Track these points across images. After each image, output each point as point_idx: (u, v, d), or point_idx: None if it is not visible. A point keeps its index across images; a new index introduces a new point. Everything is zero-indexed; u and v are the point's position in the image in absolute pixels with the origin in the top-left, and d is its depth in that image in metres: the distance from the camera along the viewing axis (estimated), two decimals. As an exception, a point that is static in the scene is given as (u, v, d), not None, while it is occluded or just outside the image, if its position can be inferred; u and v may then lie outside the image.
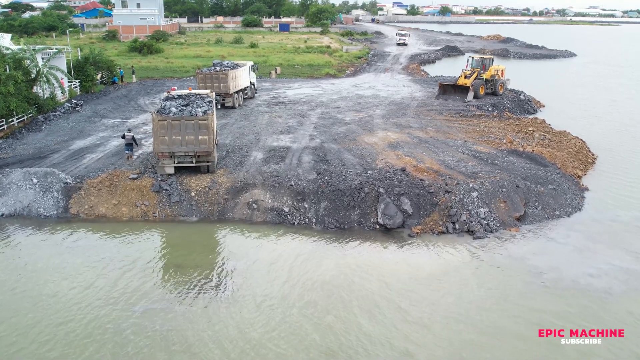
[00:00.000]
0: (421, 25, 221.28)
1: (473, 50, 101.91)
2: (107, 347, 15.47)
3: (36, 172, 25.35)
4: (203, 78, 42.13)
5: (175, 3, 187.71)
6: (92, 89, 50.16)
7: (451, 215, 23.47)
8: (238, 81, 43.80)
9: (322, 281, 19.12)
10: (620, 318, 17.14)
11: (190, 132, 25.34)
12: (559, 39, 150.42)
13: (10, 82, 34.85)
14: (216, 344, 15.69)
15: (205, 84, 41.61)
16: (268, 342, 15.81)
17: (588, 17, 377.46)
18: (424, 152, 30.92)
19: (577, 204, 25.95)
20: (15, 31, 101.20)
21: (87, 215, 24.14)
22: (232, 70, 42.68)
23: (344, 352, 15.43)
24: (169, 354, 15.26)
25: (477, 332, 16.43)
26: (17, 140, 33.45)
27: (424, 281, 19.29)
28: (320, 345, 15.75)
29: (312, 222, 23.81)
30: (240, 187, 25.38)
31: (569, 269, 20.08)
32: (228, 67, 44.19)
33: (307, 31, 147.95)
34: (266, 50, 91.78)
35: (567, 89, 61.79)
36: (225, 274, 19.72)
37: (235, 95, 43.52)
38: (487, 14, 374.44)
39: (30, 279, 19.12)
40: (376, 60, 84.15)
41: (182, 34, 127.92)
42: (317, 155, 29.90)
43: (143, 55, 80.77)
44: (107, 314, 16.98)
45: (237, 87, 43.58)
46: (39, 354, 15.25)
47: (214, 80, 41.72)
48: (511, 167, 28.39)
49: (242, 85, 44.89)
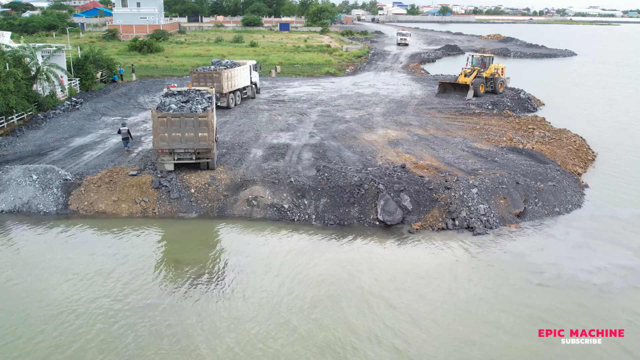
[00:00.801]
0: (421, 24, 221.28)
1: (473, 49, 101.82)
2: (95, 342, 15.48)
3: (36, 169, 25.35)
4: (197, 77, 41.49)
5: (175, 2, 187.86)
6: (92, 87, 50.17)
7: (451, 211, 23.46)
8: (234, 81, 42.82)
9: (318, 277, 19.10)
10: (619, 316, 17.09)
11: (190, 129, 25.34)
12: (559, 38, 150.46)
13: (10, 80, 34.85)
14: (204, 339, 15.69)
15: (199, 83, 40.70)
16: (255, 338, 15.80)
17: (588, 17, 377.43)
18: (423, 149, 30.91)
19: (576, 201, 25.94)
20: (16, 30, 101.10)
21: (87, 211, 24.13)
22: (226, 70, 41.77)
23: (332, 349, 15.38)
24: (157, 347, 15.26)
25: (472, 329, 16.38)
26: (17, 137, 33.44)
27: (421, 277, 19.26)
28: (308, 341, 15.70)
29: (311, 218, 23.81)
30: (240, 184, 25.37)
31: (569, 266, 20.04)
32: (225, 67, 43.38)
33: (307, 30, 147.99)
34: (266, 49, 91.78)
35: (567, 87, 61.79)
36: (223, 270, 19.71)
37: (231, 95, 42.48)
38: (487, 14, 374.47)
39: (27, 273, 19.10)
40: (376, 59, 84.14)
41: (182, 33, 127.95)
42: (317, 153, 29.90)
43: (143, 54, 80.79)
44: (98, 308, 16.96)
45: (232, 87, 42.58)
46: (27, 346, 15.30)
47: (207, 79, 40.88)
48: (511, 164, 28.38)
49: (239, 85, 43.86)
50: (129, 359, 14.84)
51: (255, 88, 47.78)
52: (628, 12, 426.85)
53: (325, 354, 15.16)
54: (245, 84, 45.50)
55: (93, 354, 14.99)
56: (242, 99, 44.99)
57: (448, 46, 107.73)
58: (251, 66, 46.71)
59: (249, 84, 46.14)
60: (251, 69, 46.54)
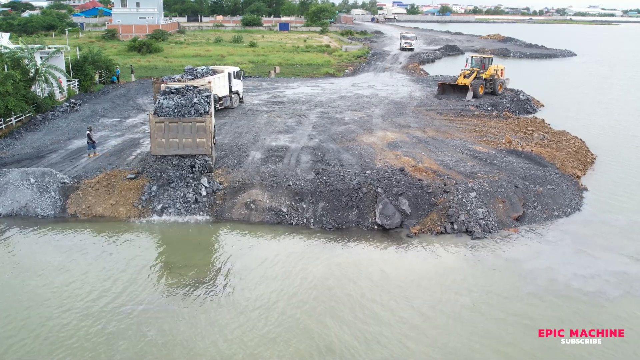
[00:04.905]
0: (421, 24, 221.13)
1: (473, 49, 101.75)
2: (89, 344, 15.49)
3: (34, 172, 25.27)
4: (159, 88, 36.22)
5: (174, 2, 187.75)
6: (91, 89, 50.07)
7: (449, 215, 23.40)
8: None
9: (315, 282, 19.04)
10: (616, 323, 17.02)
11: (188, 135, 24.82)
12: (558, 38, 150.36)
13: (9, 82, 34.76)
14: (199, 344, 15.67)
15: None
16: (249, 344, 15.76)
17: (588, 17, 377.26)
18: (422, 151, 30.85)
19: (576, 204, 25.88)
20: (15, 30, 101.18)
21: (85, 215, 24.07)
22: (193, 80, 36.45)
23: (330, 356, 15.35)
24: (151, 352, 15.23)
25: (467, 334, 16.35)
26: (15, 139, 33.36)
27: (417, 282, 19.21)
28: (301, 347, 15.66)
29: (310, 222, 23.74)
30: (238, 187, 25.30)
31: (566, 271, 19.96)
32: (195, 76, 38.41)
33: (306, 30, 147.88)
34: (265, 49, 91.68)
35: (566, 88, 61.71)
36: (220, 275, 19.66)
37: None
38: (486, 14, 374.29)
39: (23, 277, 19.05)
40: (376, 59, 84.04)
41: (181, 33, 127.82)
42: (315, 155, 29.83)
43: (142, 54, 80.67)
44: (94, 312, 16.92)
45: None
46: (24, 349, 15.28)
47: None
48: (510, 167, 28.32)
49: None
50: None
51: (237, 97, 43.54)
52: (628, 11, 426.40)
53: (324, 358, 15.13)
54: (222, 94, 41.19)
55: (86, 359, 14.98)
56: (218, 110, 39.83)
57: (448, 46, 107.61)
58: (231, 74, 42.29)
59: (226, 93, 41.78)
60: (231, 77, 42.17)
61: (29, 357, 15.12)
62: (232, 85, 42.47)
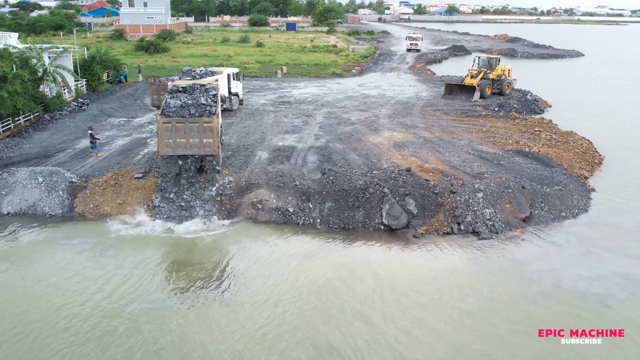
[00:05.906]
0: (428, 24, 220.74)
1: (480, 49, 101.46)
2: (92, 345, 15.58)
3: (42, 171, 25.43)
4: (156, 89, 38.43)
5: (182, 2, 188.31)
6: (99, 88, 50.30)
7: (456, 216, 23.35)
8: None
9: (321, 282, 19.06)
10: (623, 325, 16.96)
11: (195, 135, 24.71)
12: (566, 38, 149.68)
13: (17, 81, 34.95)
14: (202, 345, 15.73)
15: (159, 96, 37.29)
16: (253, 344, 15.79)
17: (596, 17, 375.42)
18: (429, 152, 30.80)
19: (583, 206, 25.77)
20: (23, 30, 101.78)
21: (92, 214, 24.20)
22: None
23: (333, 356, 15.35)
24: (156, 352, 15.30)
25: (471, 335, 16.31)
26: (24, 139, 33.58)
27: (423, 282, 19.20)
28: (306, 348, 15.69)
29: (316, 222, 23.76)
30: (245, 187, 25.36)
31: (572, 273, 19.87)
32: (193, 77, 36.72)
33: (313, 30, 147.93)
34: (272, 49, 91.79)
35: (574, 89, 61.43)
36: (226, 275, 19.73)
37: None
38: (494, 13, 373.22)
39: (31, 276, 19.18)
40: (382, 59, 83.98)
41: (188, 33, 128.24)
42: (322, 155, 29.84)
43: (150, 54, 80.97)
44: (100, 311, 17.01)
45: None
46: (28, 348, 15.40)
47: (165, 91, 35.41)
48: (517, 167, 28.23)
49: None
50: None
51: (237, 99, 42.68)
52: (636, 11, 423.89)
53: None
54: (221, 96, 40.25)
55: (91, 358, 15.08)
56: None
57: (455, 46, 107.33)
58: (230, 75, 41.20)
59: (225, 95, 40.73)
60: (230, 78, 41.12)
61: (29, 357, 15.24)
62: (232, 87, 41.61)
